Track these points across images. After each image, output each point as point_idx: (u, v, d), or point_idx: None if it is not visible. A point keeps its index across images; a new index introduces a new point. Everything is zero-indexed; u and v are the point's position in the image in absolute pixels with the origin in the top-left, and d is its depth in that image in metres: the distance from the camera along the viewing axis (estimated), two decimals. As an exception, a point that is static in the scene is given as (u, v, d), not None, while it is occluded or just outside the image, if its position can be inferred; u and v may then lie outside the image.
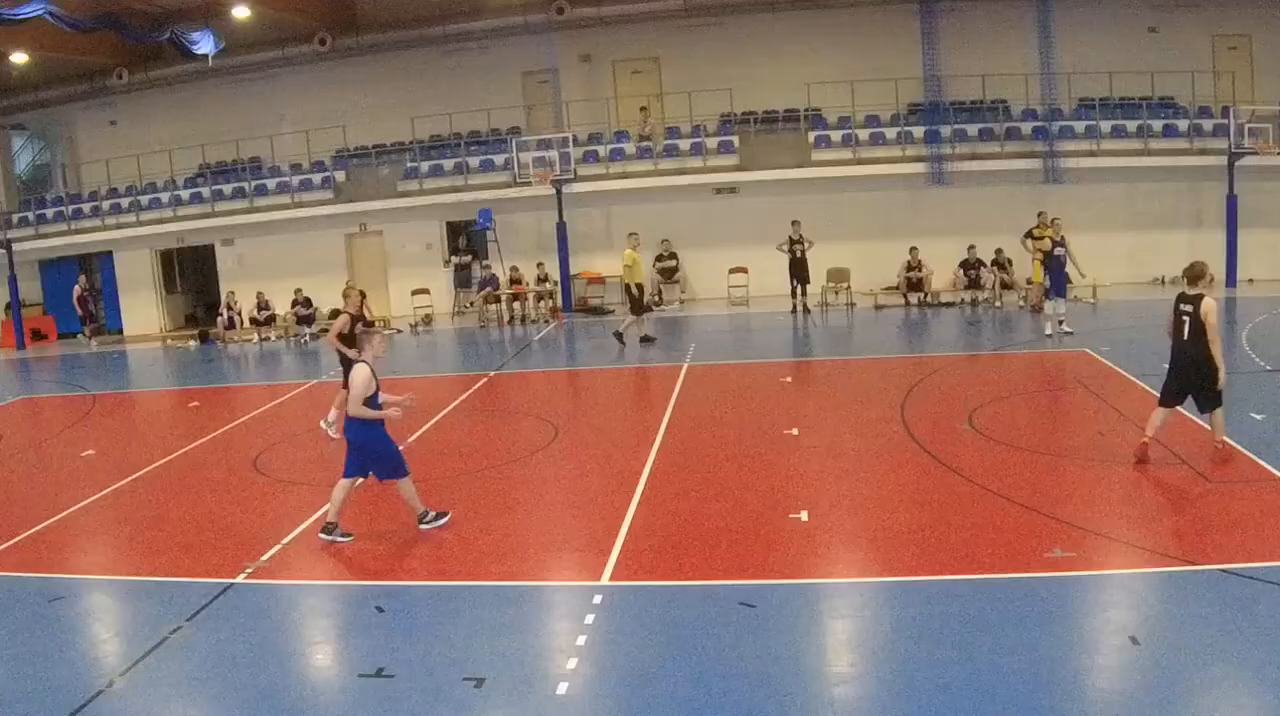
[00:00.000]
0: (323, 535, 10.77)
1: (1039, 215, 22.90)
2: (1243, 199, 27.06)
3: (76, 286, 29.12)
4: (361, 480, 11.05)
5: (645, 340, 22.16)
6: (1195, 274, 11.94)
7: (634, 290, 22.50)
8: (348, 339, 13.88)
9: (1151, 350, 18.99)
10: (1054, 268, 21.12)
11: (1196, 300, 11.76)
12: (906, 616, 8.60)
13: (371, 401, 10.65)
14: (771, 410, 15.98)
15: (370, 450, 10.73)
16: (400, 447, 13.70)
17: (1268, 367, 13.98)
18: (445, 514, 11.11)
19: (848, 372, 19.37)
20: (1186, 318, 11.78)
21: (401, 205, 28.28)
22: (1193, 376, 11.83)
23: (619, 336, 22.34)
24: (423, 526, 10.92)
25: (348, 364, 13.69)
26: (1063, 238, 21.10)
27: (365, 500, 12.13)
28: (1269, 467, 11.68)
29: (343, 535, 10.78)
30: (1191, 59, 28.34)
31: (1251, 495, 11.02)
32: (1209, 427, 12.36)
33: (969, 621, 8.36)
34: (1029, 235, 23.52)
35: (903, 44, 28.11)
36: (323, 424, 15.16)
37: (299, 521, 11.40)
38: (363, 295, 15.76)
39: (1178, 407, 12.36)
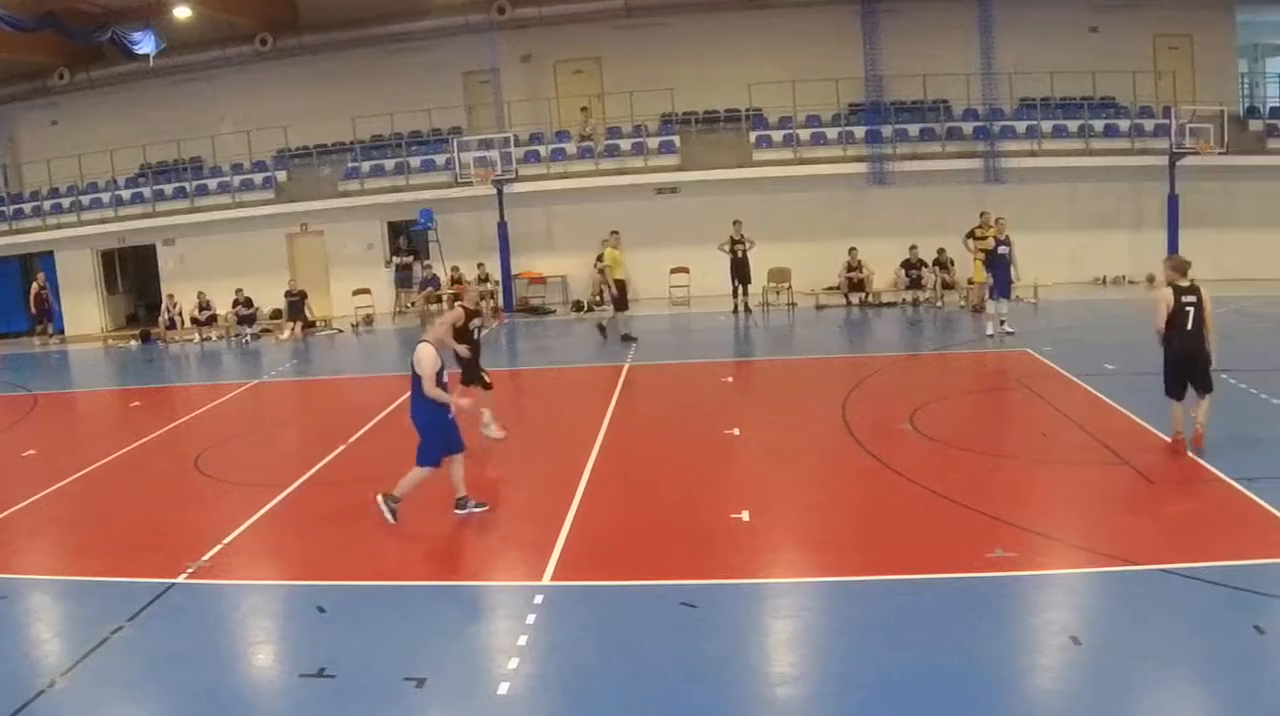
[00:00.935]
0: (458, 511, 11.08)
1: (981, 215, 22.81)
2: (1184, 199, 26.99)
3: (35, 284, 28.81)
4: (462, 453, 11.17)
5: (626, 338, 21.93)
6: (1185, 265, 12.01)
7: (614, 288, 22.58)
8: (461, 333, 13.10)
9: (1093, 350, 19.14)
10: (998, 268, 21.08)
11: (1196, 291, 11.80)
12: (848, 616, 8.61)
13: (438, 380, 10.78)
14: (713, 410, 15.86)
15: (430, 431, 10.87)
16: (343, 447, 14.12)
17: (1212, 367, 13.96)
18: (396, 508, 11.01)
19: (789, 373, 19.36)
20: (1191, 308, 11.70)
21: (342, 205, 28.05)
22: (1193, 366, 11.87)
23: (601, 329, 22.41)
24: (385, 503, 10.94)
25: (463, 362, 13.29)
26: (1007, 237, 21.08)
27: (313, 499, 12.15)
28: (1211, 468, 11.64)
29: (477, 505, 11.14)
30: (1133, 59, 28.22)
31: (1193, 495, 11.06)
32: (1193, 415, 12.10)
33: (910, 621, 8.34)
34: (971, 235, 23.45)
35: (844, 44, 27.94)
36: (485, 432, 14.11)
37: (240, 521, 11.31)
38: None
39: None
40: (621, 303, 22.76)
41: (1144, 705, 7.08)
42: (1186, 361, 11.88)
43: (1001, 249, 21.01)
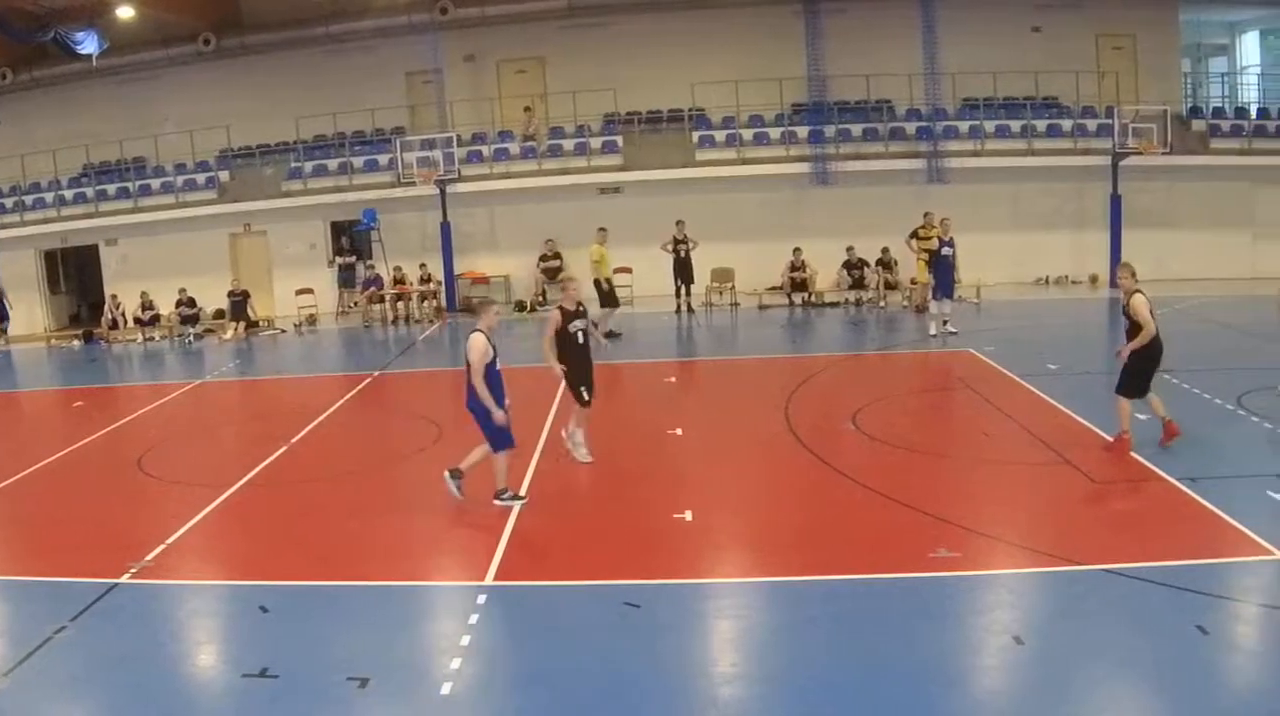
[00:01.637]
0: (496, 501, 11.16)
1: (925, 215, 22.81)
2: (1127, 199, 26.97)
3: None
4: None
5: (610, 335, 21.43)
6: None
7: (604, 284, 22.54)
8: (561, 339, 12.33)
9: (1036, 350, 19.08)
10: (941, 268, 21.11)
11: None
12: (791, 616, 8.62)
13: (490, 369, 10.87)
14: (656, 410, 15.88)
15: (489, 418, 10.93)
16: (285, 448, 14.13)
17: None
18: (522, 497, 11.31)
19: (732, 373, 19.35)
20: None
21: (285, 205, 27.85)
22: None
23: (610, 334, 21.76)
24: (496, 502, 11.13)
25: (566, 372, 12.34)
26: (951, 238, 21.08)
27: (256, 499, 12.14)
28: (1153, 468, 11.75)
29: (514, 497, 11.23)
30: (1075, 59, 28.23)
31: (1136, 495, 11.10)
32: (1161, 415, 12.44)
33: (854, 621, 8.37)
34: (914, 235, 23.44)
35: (787, 44, 27.84)
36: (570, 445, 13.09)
37: (183, 521, 11.24)
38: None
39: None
40: (611, 299, 22.56)
41: (1087, 705, 7.06)
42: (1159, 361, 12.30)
43: (945, 250, 21.00)
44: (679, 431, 14.11)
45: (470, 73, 28.90)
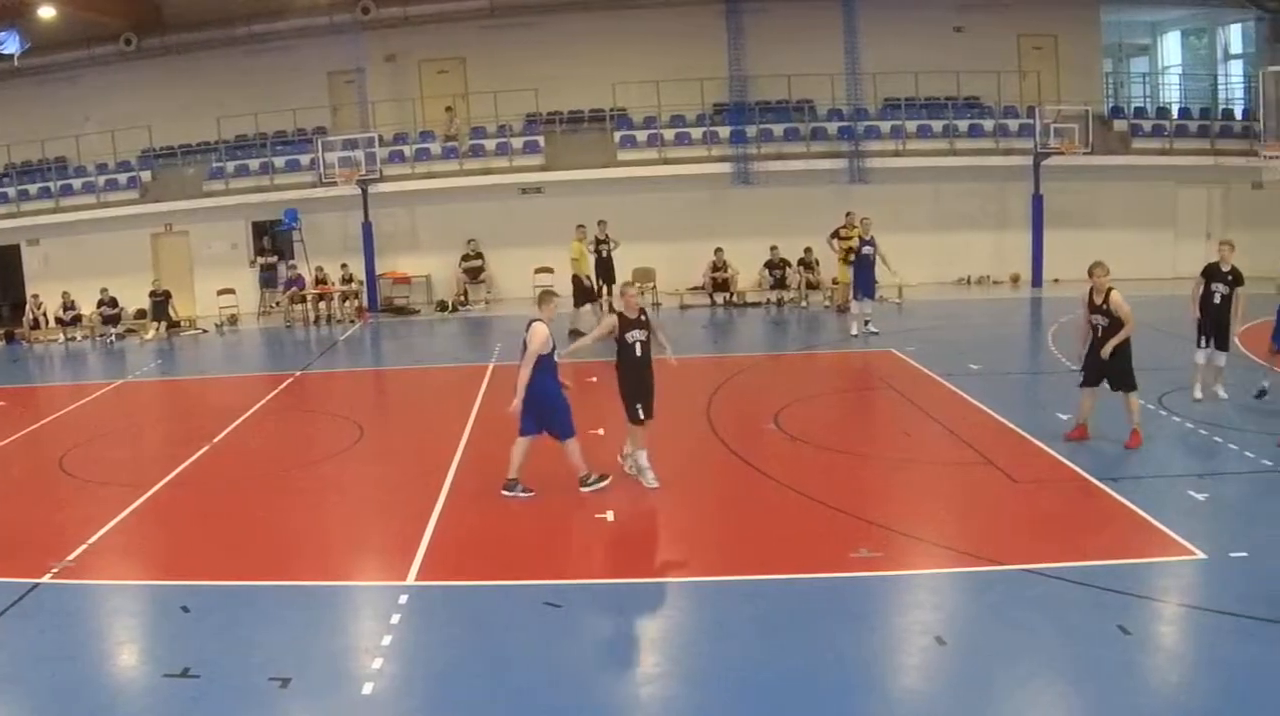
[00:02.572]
0: (505, 492, 11.33)
1: (846, 215, 22.85)
2: (1049, 199, 26.95)
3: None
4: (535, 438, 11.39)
5: (575, 333, 21.12)
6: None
7: (585, 281, 22.55)
8: (619, 347, 11.94)
9: (958, 350, 19.09)
10: (861, 268, 21.15)
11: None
12: (712, 616, 8.63)
13: (548, 359, 11.16)
14: (577, 410, 15.58)
15: (548, 404, 11.22)
16: (207, 447, 14.07)
17: (1073, 368, 14.02)
18: (606, 477, 11.48)
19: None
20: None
21: (207, 205, 27.63)
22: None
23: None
24: (583, 489, 11.33)
25: (624, 387, 11.84)
26: (871, 237, 21.12)
27: (178, 499, 12.06)
28: (1075, 468, 11.69)
29: (524, 491, 11.34)
30: (997, 59, 28.14)
31: (1057, 495, 11.07)
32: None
33: (775, 621, 8.36)
34: (835, 235, 23.48)
35: (708, 44, 27.75)
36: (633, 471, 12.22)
37: (105, 521, 11.17)
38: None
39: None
40: (586, 297, 22.55)
41: (1008, 706, 7.09)
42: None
43: (865, 249, 21.04)
44: (601, 431, 13.92)
45: (392, 73, 28.73)
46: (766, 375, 18.51)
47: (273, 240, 28.07)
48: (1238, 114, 29.13)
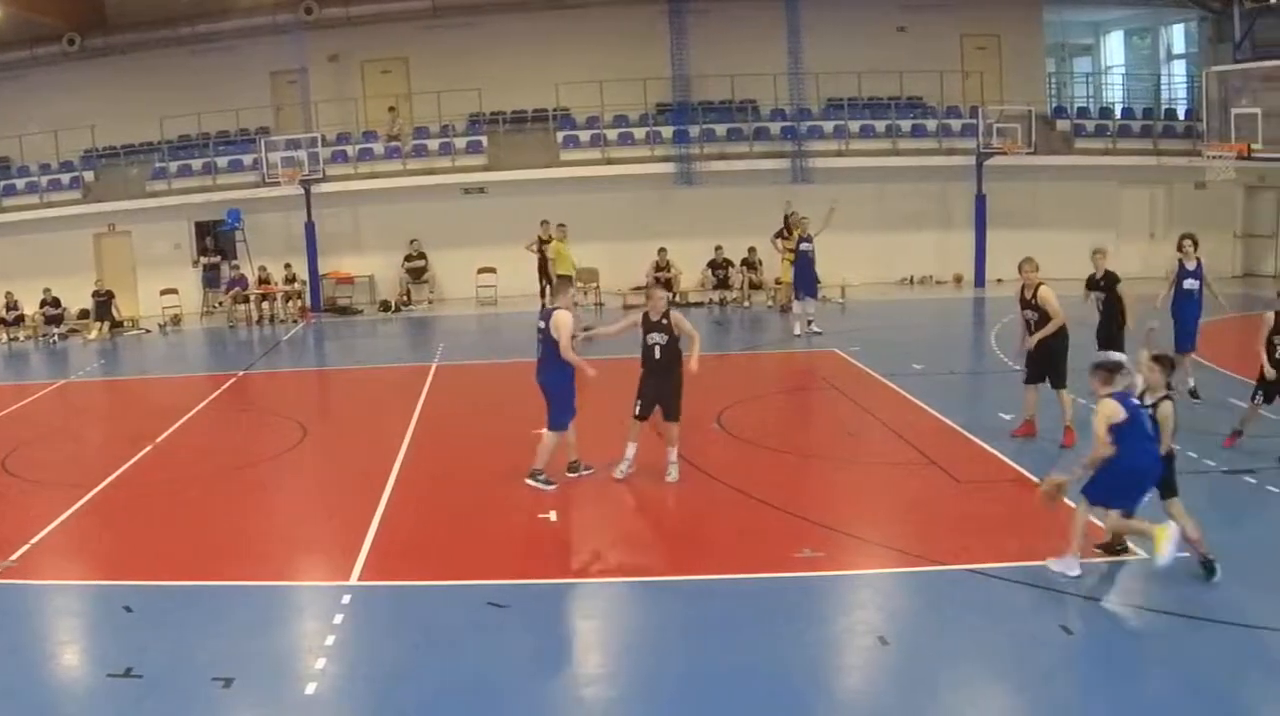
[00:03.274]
0: (529, 481, 11.63)
1: (791, 214, 22.94)
2: (991, 199, 26.94)
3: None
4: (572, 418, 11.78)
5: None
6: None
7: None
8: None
9: (901, 350, 19.18)
10: (802, 267, 21.16)
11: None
12: (656, 616, 8.70)
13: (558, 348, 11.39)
14: (521, 410, 15.61)
15: (559, 394, 11.53)
16: (150, 447, 14.06)
17: (1016, 368, 14.07)
18: (554, 483, 11.69)
19: (597, 372, 19.41)
20: None
21: (150, 205, 27.42)
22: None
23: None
24: (529, 482, 11.62)
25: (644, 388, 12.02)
26: (810, 236, 21.18)
27: (121, 499, 12.06)
28: (1018, 468, 11.74)
29: (585, 468, 11.98)
30: (940, 59, 28.15)
31: (1000, 495, 11.11)
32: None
33: (718, 621, 8.40)
34: (779, 235, 23.56)
35: (651, 44, 27.64)
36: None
37: (48, 521, 11.17)
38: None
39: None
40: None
41: (951, 706, 7.13)
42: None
43: (804, 247, 21.12)
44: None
45: (335, 73, 28.59)
46: (709, 375, 18.32)
47: (215, 240, 27.94)
48: (1180, 114, 29.14)
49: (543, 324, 11.68)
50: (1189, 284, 14.78)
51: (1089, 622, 8.20)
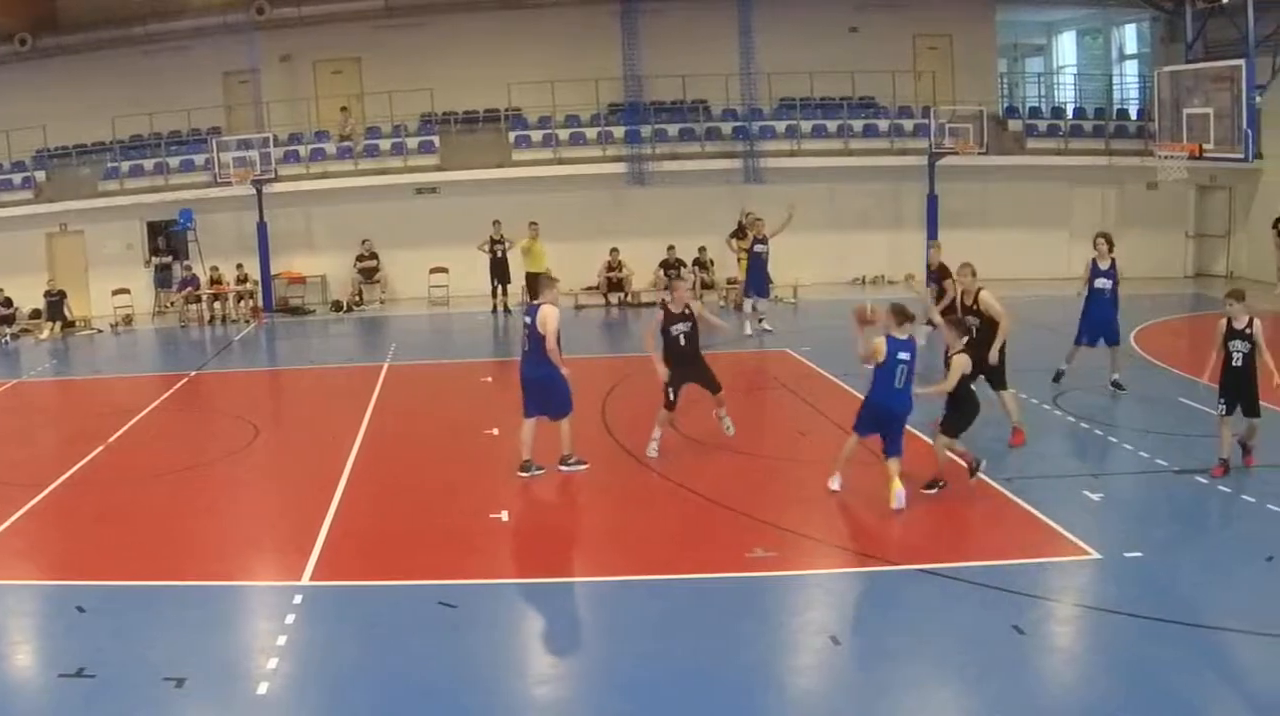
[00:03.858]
0: (521, 473, 12.05)
1: (745, 215, 22.96)
2: (943, 199, 26.88)
3: None
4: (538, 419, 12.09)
5: None
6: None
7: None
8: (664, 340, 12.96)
9: (852, 351, 19.13)
10: (755, 267, 21.21)
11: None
12: (608, 616, 8.82)
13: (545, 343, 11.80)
14: (472, 410, 15.91)
15: (554, 387, 11.88)
16: (102, 447, 14.13)
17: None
18: (585, 463, 12.23)
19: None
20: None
21: (102, 205, 27.25)
22: None
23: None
24: (563, 468, 12.15)
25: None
26: (764, 237, 21.24)
27: (73, 499, 12.13)
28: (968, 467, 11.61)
29: (536, 468, 12.07)
30: (892, 59, 28.17)
31: (951, 495, 11.13)
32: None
33: (671, 621, 8.50)
34: (735, 235, 23.59)
35: (603, 44, 27.57)
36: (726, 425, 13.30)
37: (0, 521, 11.19)
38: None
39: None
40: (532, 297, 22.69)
41: (904, 705, 7.20)
42: None
43: (759, 248, 21.21)
44: (495, 431, 14.13)
45: (287, 73, 28.48)
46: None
47: (168, 240, 27.91)
48: (1133, 114, 29.20)
49: (529, 319, 12.12)
50: (1100, 283, 15.01)
51: (1041, 622, 8.28)
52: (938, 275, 15.86)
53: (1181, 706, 7.08)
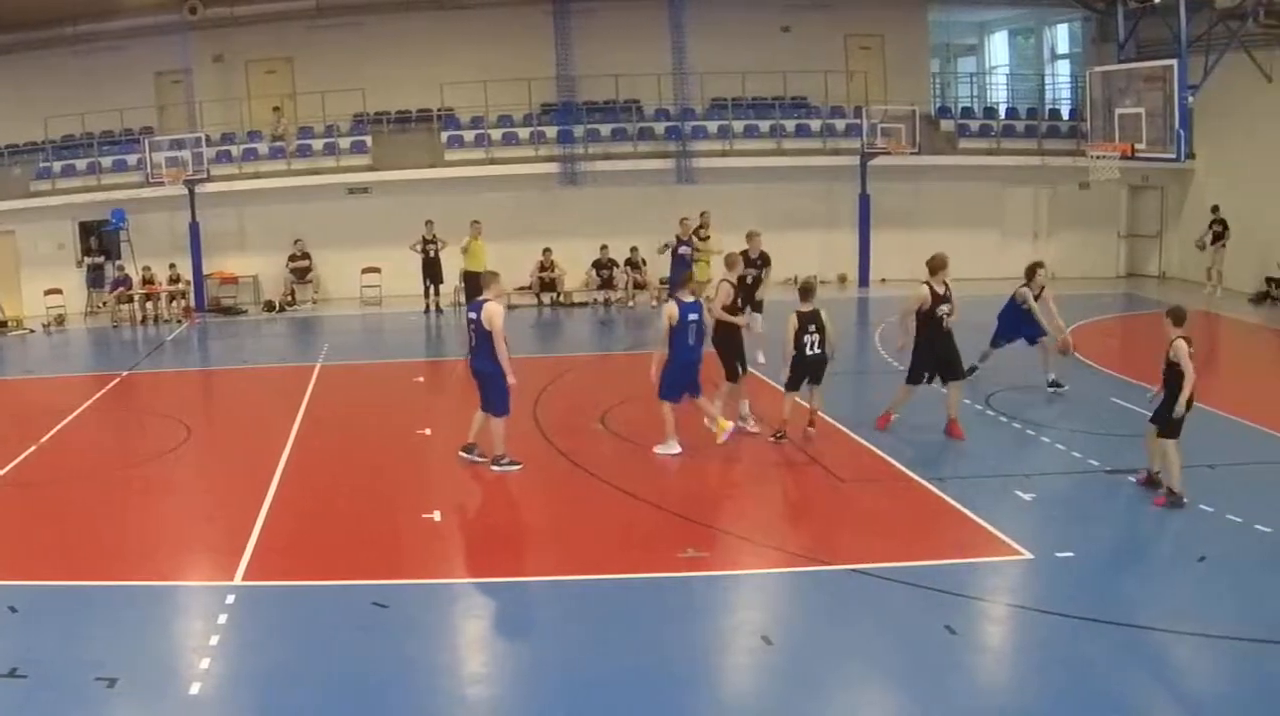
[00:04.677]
0: (462, 453, 12.54)
1: (702, 214, 22.91)
2: (876, 199, 27.09)
3: None
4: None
5: None
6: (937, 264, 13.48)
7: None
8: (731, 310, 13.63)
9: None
10: (677, 268, 21.22)
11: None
12: (540, 616, 8.88)
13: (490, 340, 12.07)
14: (405, 410, 15.98)
15: (495, 384, 12.12)
16: (34, 448, 14.10)
17: (899, 367, 14.26)
18: (518, 463, 12.36)
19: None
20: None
21: (34, 205, 27.06)
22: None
23: None
24: (495, 468, 12.30)
25: (723, 334, 13.61)
26: (689, 238, 21.32)
27: (4, 500, 12.08)
28: (902, 468, 12.09)
29: (479, 455, 12.48)
30: (825, 59, 28.22)
31: (884, 495, 11.26)
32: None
33: (603, 621, 8.54)
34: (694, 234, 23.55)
35: (536, 44, 27.54)
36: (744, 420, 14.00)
37: None
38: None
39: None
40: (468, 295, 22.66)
41: (836, 705, 7.25)
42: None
43: (682, 249, 21.31)
44: (428, 431, 14.21)
45: (219, 73, 28.38)
46: (593, 375, 18.64)
47: (100, 240, 27.89)
48: (1064, 114, 29.34)
49: (473, 315, 12.32)
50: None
51: (973, 622, 8.34)
52: (759, 262, 16.92)
53: (1113, 706, 7.13)
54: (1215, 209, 25.27)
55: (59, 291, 27.38)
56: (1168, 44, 22.05)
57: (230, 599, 8.94)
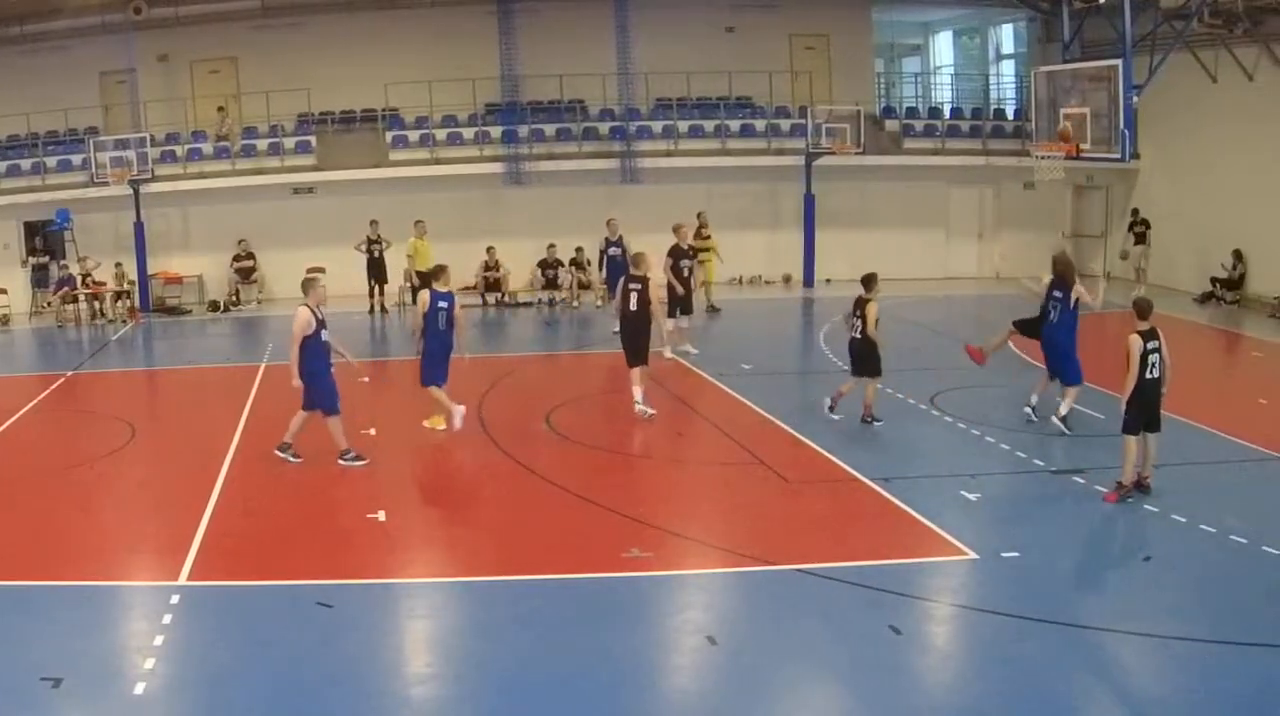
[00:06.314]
0: (277, 451, 12.81)
1: (699, 215, 22.89)
2: (820, 199, 27.02)
3: None
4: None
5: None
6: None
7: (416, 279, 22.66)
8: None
9: (729, 350, 19.40)
10: (612, 269, 21.31)
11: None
12: (484, 616, 8.81)
13: (316, 338, 12.73)
14: (350, 410, 15.54)
15: (314, 384, 12.53)
16: None
17: (844, 367, 14.32)
18: (363, 458, 12.67)
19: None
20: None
21: None
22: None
23: None
24: (341, 462, 12.56)
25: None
26: (619, 238, 21.38)
27: None
28: (847, 468, 12.11)
29: (294, 456, 12.79)
30: (769, 59, 28.18)
31: (829, 495, 11.29)
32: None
33: (546, 621, 8.55)
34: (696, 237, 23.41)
35: (480, 44, 27.40)
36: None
37: None
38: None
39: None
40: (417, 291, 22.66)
41: (781, 706, 7.28)
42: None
43: (613, 250, 21.37)
44: (372, 431, 14.11)
45: (164, 73, 28.12)
46: (538, 375, 18.62)
47: (45, 240, 27.85)
48: (1009, 114, 29.38)
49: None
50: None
51: (918, 622, 8.35)
52: (691, 254, 17.44)
53: (1058, 706, 7.15)
54: (1135, 212, 25.43)
55: (3, 291, 27.09)
56: (1113, 44, 22.04)
57: (175, 599, 8.95)
